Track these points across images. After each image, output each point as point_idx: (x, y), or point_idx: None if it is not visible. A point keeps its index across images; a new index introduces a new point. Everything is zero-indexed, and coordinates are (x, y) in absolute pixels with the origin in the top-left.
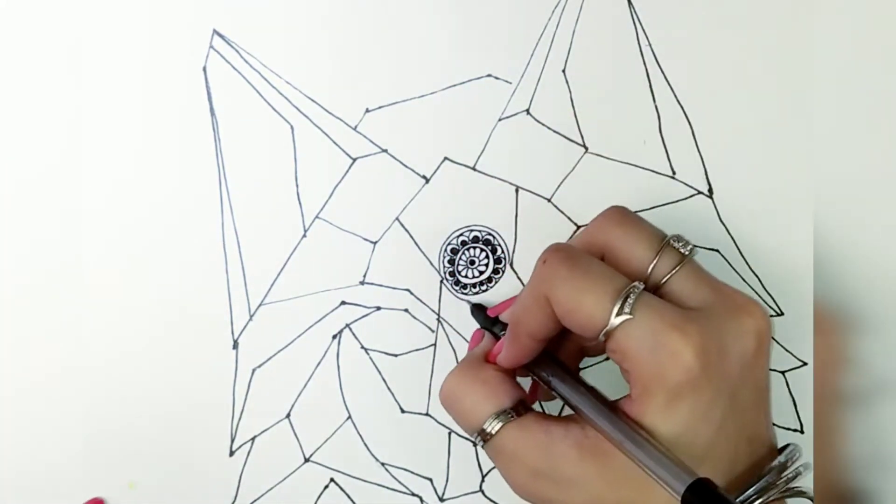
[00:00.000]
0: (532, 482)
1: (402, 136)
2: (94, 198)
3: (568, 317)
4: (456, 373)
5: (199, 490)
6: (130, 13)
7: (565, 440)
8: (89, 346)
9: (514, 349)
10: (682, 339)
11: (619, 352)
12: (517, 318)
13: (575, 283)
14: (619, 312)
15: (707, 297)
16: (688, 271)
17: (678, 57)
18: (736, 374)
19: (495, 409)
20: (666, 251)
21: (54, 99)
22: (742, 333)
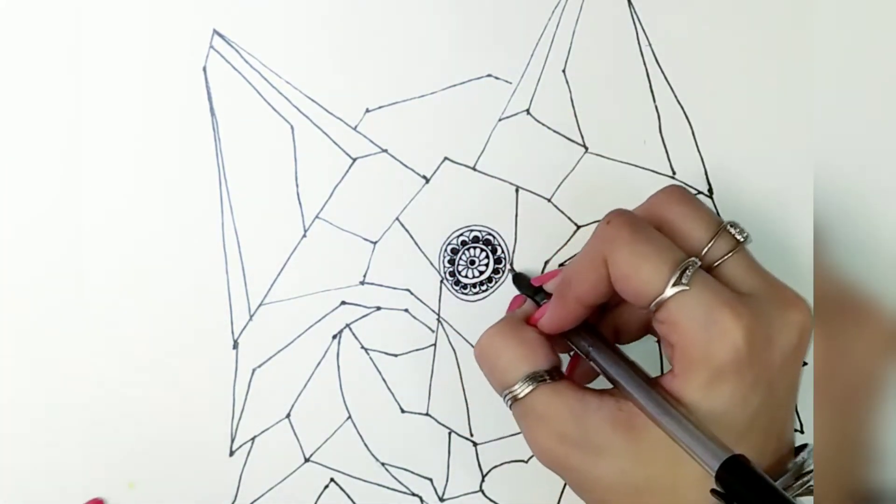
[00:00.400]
0: (559, 447)
1: (402, 136)
2: (93, 198)
3: (623, 281)
4: (494, 329)
5: (199, 490)
6: (130, 13)
7: (599, 411)
8: (89, 346)
9: (559, 312)
10: (734, 319)
11: (669, 323)
12: (569, 279)
13: (636, 248)
14: (676, 283)
15: (758, 285)
16: (741, 258)
17: (678, 57)
18: (777, 365)
19: (531, 370)
20: (722, 235)
21: (54, 99)
22: (788, 326)
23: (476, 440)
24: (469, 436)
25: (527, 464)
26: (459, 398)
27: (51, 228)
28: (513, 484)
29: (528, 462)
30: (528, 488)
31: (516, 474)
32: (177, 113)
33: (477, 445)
